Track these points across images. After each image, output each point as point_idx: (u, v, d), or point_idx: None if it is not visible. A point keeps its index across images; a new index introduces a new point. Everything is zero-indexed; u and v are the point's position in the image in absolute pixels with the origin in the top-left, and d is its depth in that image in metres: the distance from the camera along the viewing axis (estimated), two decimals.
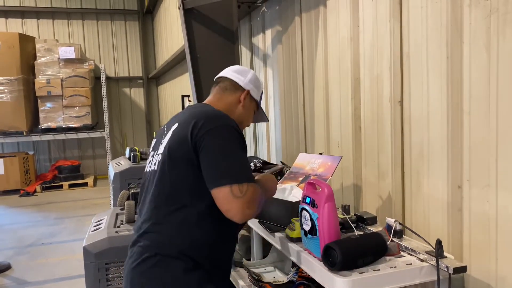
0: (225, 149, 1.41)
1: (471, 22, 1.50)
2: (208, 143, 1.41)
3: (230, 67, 1.78)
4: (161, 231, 1.45)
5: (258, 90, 1.74)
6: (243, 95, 1.68)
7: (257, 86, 1.74)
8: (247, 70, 1.75)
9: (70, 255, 4.39)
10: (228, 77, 1.71)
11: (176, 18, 6.47)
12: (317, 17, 2.57)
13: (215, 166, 1.39)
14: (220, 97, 1.69)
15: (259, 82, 1.76)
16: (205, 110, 1.55)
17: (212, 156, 1.40)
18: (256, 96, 1.73)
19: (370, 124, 2.12)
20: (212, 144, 1.41)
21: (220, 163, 1.39)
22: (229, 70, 1.75)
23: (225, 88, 1.69)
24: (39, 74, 7.66)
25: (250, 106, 1.72)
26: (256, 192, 1.40)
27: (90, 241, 2.07)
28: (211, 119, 1.46)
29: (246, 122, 1.74)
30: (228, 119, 1.50)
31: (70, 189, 7.83)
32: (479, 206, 1.52)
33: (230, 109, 1.65)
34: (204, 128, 1.42)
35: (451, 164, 1.63)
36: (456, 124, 1.60)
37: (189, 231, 1.44)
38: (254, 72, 1.77)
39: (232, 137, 1.44)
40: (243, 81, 1.70)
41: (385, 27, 1.94)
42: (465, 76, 1.55)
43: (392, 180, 1.95)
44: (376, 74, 2.04)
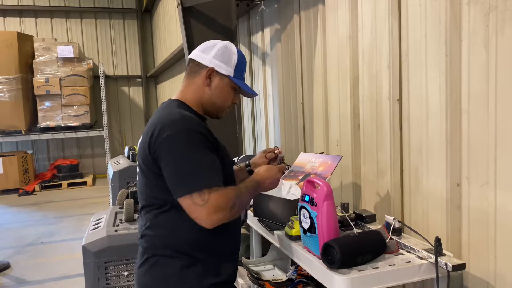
0: (181, 156, 1.34)
1: (469, 20, 1.51)
2: (164, 153, 1.35)
3: (201, 45, 1.59)
4: (154, 234, 1.46)
5: (228, 64, 1.53)
6: (205, 74, 1.51)
7: (226, 60, 1.53)
8: (213, 45, 1.55)
9: (69, 254, 4.39)
10: (192, 58, 1.55)
11: (175, 17, 6.46)
12: (316, 15, 2.57)
13: (173, 176, 1.35)
14: (187, 83, 1.56)
15: (229, 55, 1.54)
16: (161, 115, 1.45)
17: (169, 166, 1.35)
18: (226, 71, 1.53)
19: (369, 122, 2.12)
20: (167, 153, 1.35)
21: (177, 172, 1.34)
22: (195, 50, 1.58)
23: (190, 71, 1.54)
24: (37, 73, 7.65)
25: (222, 84, 1.53)
26: (222, 195, 1.33)
27: (89, 240, 2.07)
28: (165, 126, 1.37)
29: (223, 104, 1.58)
30: (183, 121, 1.39)
31: (69, 188, 7.82)
32: (478, 204, 1.53)
33: (198, 94, 1.53)
34: (159, 138, 1.36)
35: (450, 162, 1.63)
36: (455, 122, 1.60)
37: (179, 230, 1.42)
38: (226, 44, 1.55)
39: (190, 141, 1.35)
40: (205, 58, 1.52)
41: (383, 25, 1.94)
42: (464, 74, 1.55)
43: (391, 178, 1.95)
44: (375, 72, 2.04)
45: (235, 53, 1.56)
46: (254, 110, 3.89)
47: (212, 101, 1.54)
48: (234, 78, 1.54)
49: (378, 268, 1.46)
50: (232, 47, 1.57)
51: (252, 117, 3.94)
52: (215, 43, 1.56)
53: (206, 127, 1.45)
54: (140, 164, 1.47)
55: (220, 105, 1.57)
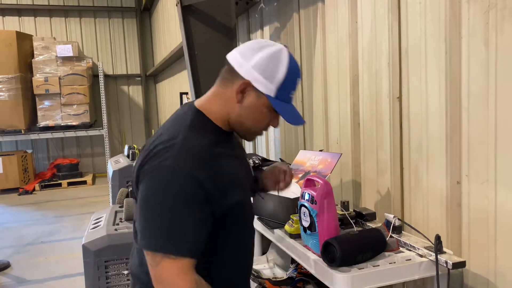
0: (154, 201, 1.08)
1: (469, 17, 1.50)
2: (141, 189, 1.11)
3: (246, 42, 1.24)
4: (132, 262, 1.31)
5: (270, 79, 1.15)
6: (237, 88, 1.17)
7: (269, 73, 1.15)
8: (258, 48, 1.17)
9: (69, 253, 4.39)
10: (229, 59, 1.21)
11: (174, 15, 6.44)
12: (315, 14, 2.56)
13: (140, 217, 1.11)
14: (217, 90, 1.24)
15: (275, 67, 1.15)
16: (168, 128, 1.20)
17: (139, 203, 1.11)
18: (266, 88, 1.16)
19: (369, 120, 2.12)
20: (142, 191, 1.10)
21: (144, 217, 1.10)
22: (238, 48, 1.23)
23: (224, 77, 1.22)
24: (36, 72, 7.63)
25: (257, 104, 1.18)
26: (177, 270, 1.05)
27: (89, 239, 2.07)
28: (158, 152, 1.12)
29: (253, 127, 1.24)
30: (180, 153, 1.10)
31: (68, 188, 7.81)
32: (478, 202, 1.52)
33: (225, 108, 1.21)
34: (146, 165, 1.12)
35: (450, 159, 1.63)
36: (455, 120, 1.60)
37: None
38: (276, 50, 1.16)
39: (173, 186, 1.07)
40: (243, 65, 1.16)
41: (383, 23, 1.94)
42: (464, 71, 1.55)
43: (391, 176, 1.95)
44: (374, 70, 2.04)
45: (285, 65, 1.17)
46: None
47: (241, 121, 1.22)
48: (273, 100, 1.17)
49: (378, 266, 1.46)
50: (284, 57, 1.17)
51: None
52: (263, 45, 1.18)
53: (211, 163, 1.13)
54: (133, 189, 1.21)
55: (250, 127, 1.24)
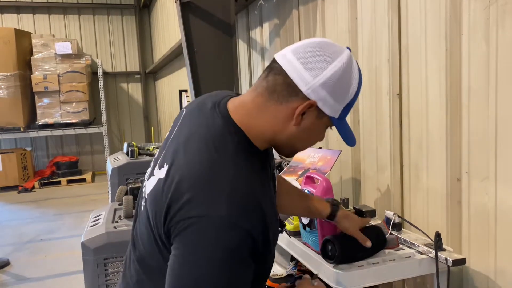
0: (194, 268, 0.86)
1: (470, 13, 1.49)
2: (180, 244, 0.88)
3: (302, 42, 0.98)
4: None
5: (340, 100, 0.96)
6: (299, 109, 0.95)
7: (340, 93, 0.96)
8: (328, 58, 0.94)
9: (69, 251, 4.39)
10: (285, 68, 0.95)
11: (173, 12, 6.42)
12: (315, 10, 2.55)
13: (173, 283, 0.88)
14: (262, 103, 0.98)
15: (347, 84, 0.96)
16: (196, 161, 0.93)
17: (176, 266, 0.88)
18: (332, 110, 0.97)
19: (368, 117, 2.11)
20: (183, 247, 0.88)
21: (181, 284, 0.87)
22: (294, 51, 0.96)
23: (274, 90, 0.96)
24: (35, 69, 7.61)
25: (316, 125, 0.99)
26: None
27: (88, 237, 2.07)
28: (199, 197, 0.88)
29: (305, 146, 1.07)
30: (232, 209, 0.87)
31: (68, 185, 7.81)
32: (478, 199, 1.52)
33: (274, 129, 0.98)
34: (183, 212, 0.88)
35: (450, 156, 1.62)
36: (455, 117, 1.59)
37: None
38: (347, 62, 0.95)
39: (220, 245, 0.85)
40: (309, 83, 0.93)
41: (383, 20, 1.93)
42: (464, 68, 1.54)
43: (391, 173, 1.95)
44: (374, 67, 2.03)
45: (356, 79, 0.98)
46: None
47: (292, 143, 1.02)
48: (337, 121, 1.00)
49: (378, 264, 1.45)
50: (354, 68, 0.98)
51: None
52: (331, 54, 0.95)
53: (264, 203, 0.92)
54: (151, 214, 0.98)
55: (301, 148, 1.07)
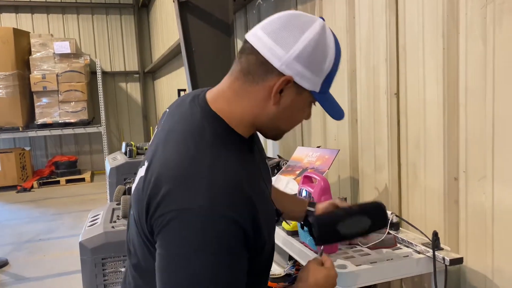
0: (182, 261, 0.82)
1: (467, 12, 1.49)
2: (163, 241, 0.85)
3: (271, 16, 0.93)
4: None
5: (317, 72, 0.91)
6: (275, 86, 0.90)
7: (316, 64, 0.90)
8: (299, 30, 0.89)
9: (68, 251, 4.38)
10: (256, 47, 0.91)
11: (172, 12, 6.40)
12: (313, 9, 2.55)
13: (163, 282, 0.85)
14: (238, 87, 0.95)
15: (322, 55, 0.90)
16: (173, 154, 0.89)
17: (163, 264, 0.85)
18: (312, 84, 0.92)
19: (366, 116, 2.11)
20: (167, 244, 0.85)
21: (171, 282, 0.84)
22: (263, 27, 0.92)
23: (248, 71, 0.92)
24: (34, 69, 7.60)
25: (298, 102, 0.95)
26: None
27: (86, 236, 2.07)
28: (176, 190, 0.84)
29: (290, 127, 1.02)
30: (210, 195, 0.83)
31: (67, 185, 7.81)
32: (476, 198, 1.52)
33: (254, 112, 0.95)
34: (162, 207, 0.84)
35: (448, 156, 1.62)
36: (452, 116, 1.59)
37: None
38: (319, 31, 0.90)
39: (204, 237, 0.82)
40: (282, 58, 0.89)
41: (381, 19, 1.93)
42: (461, 67, 1.54)
43: (389, 172, 1.95)
44: (372, 66, 2.03)
45: (332, 48, 0.92)
46: None
47: (276, 124, 0.98)
48: (318, 95, 0.94)
49: (376, 263, 1.45)
50: (328, 37, 0.92)
51: None
52: (301, 24, 0.89)
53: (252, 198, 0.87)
54: (135, 215, 0.96)
55: (285, 129, 1.01)
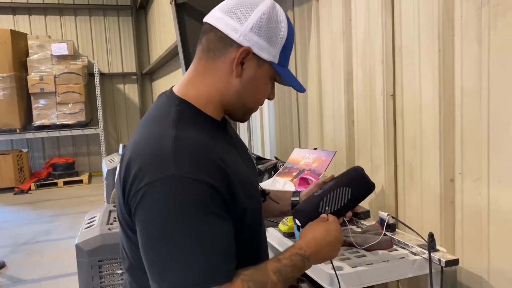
0: (163, 228, 0.81)
1: (462, 14, 1.50)
2: (139, 216, 0.85)
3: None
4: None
5: (273, 42, 0.96)
6: (236, 58, 0.94)
7: (271, 35, 0.95)
8: (251, 5, 0.95)
9: (65, 253, 4.37)
10: (213, 23, 0.97)
11: (169, 13, 6.40)
12: (310, 11, 2.55)
13: (147, 259, 0.84)
14: (201, 67, 0.98)
15: (275, 27, 0.96)
16: (142, 137, 0.92)
17: (143, 240, 0.85)
18: (269, 54, 0.97)
19: (363, 117, 2.11)
20: (142, 218, 0.85)
21: (155, 256, 0.82)
22: (220, 8, 0.98)
23: (209, 49, 0.97)
24: (31, 71, 7.59)
25: (259, 75, 0.98)
26: None
27: (82, 239, 2.07)
28: (141, 169, 0.85)
29: (255, 104, 1.04)
30: (176, 159, 0.84)
31: (64, 187, 7.79)
32: (471, 199, 1.52)
33: (218, 88, 0.97)
34: (135, 184, 0.85)
35: (444, 157, 1.62)
36: (448, 117, 1.60)
37: None
38: (270, 6, 0.97)
39: (182, 202, 0.82)
40: (237, 29, 0.94)
41: (377, 21, 1.93)
42: (457, 69, 1.54)
43: (385, 174, 1.95)
44: (368, 68, 2.03)
45: (284, 22, 0.98)
46: None
47: (241, 99, 1.00)
48: (278, 67, 0.99)
49: (372, 264, 1.45)
50: (280, 13, 0.98)
51: None
52: (255, 2, 0.96)
53: (220, 164, 0.88)
54: (118, 209, 0.98)
55: (251, 105, 1.03)
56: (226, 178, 0.88)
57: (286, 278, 0.91)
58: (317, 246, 1.01)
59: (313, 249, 1.00)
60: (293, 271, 0.93)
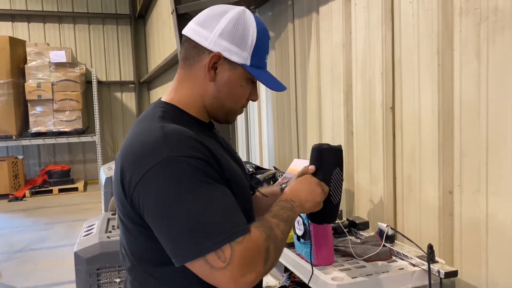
0: (175, 204, 0.89)
1: (461, 30, 1.53)
2: (146, 201, 0.92)
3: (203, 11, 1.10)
4: None
5: (242, 46, 1.04)
6: (207, 63, 1.04)
7: (239, 39, 1.03)
8: (219, 14, 1.05)
9: (60, 261, 4.34)
10: (187, 34, 1.07)
11: (169, 23, 6.46)
12: (310, 24, 2.59)
13: (168, 234, 0.90)
14: (182, 75, 1.10)
15: (243, 31, 1.04)
16: (135, 134, 1.02)
17: (158, 220, 0.92)
18: (240, 57, 1.04)
19: (362, 129, 2.13)
20: (150, 202, 0.91)
21: (175, 228, 0.89)
22: (194, 20, 1.09)
23: (186, 57, 1.08)
24: (29, 77, 7.60)
25: (233, 77, 1.06)
26: (251, 245, 0.90)
27: (81, 246, 2.06)
28: (139, 157, 0.94)
29: (234, 105, 1.11)
30: (166, 144, 0.93)
31: (60, 194, 7.75)
32: (470, 211, 1.54)
33: (198, 92, 1.08)
34: (134, 177, 0.93)
35: (442, 169, 1.64)
36: (447, 130, 1.62)
37: None
38: (239, 12, 1.06)
39: (182, 176, 0.91)
40: (207, 37, 1.03)
41: (377, 34, 1.96)
42: (456, 82, 1.57)
43: (384, 185, 1.97)
44: (368, 80, 2.06)
45: (254, 27, 1.05)
46: (248, 115, 3.90)
47: (220, 102, 1.09)
48: (250, 68, 1.06)
49: (372, 275, 1.46)
50: (248, 18, 1.06)
51: (246, 123, 3.95)
52: (222, 10, 1.06)
53: (205, 145, 0.98)
54: (118, 208, 1.05)
55: (231, 107, 1.11)
56: (213, 156, 0.98)
57: (283, 219, 1.03)
58: (298, 192, 1.13)
59: (295, 195, 1.12)
60: (286, 213, 1.05)
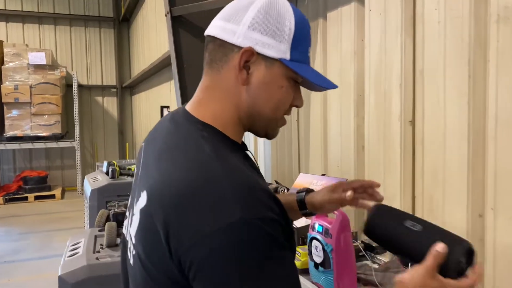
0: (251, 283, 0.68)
1: (499, 39, 1.41)
2: (204, 277, 0.69)
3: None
4: None
5: (278, 36, 0.82)
6: (239, 62, 0.81)
7: (274, 28, 0.81)
8: (247, 3, 0.83)
9: (36, 275, 4.07)
10: (212, 34, 0.85)
11: (155, 27, 6.26)
12: (315, 30, 2.45)
13: None
14: (208, 82, 0.86)
15: (278, 18, 0.82)
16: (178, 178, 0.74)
17: None
18: (277, 50, 0.82)
19: (375, 143, 1.99)
20: (212, 279, 0.68)
21: None
22: (217, 17, 0.87)
23: (212, 60, 0.85)
24: (6, 79, 7.26)
25: (270, 76, 0.83)
26: None
27: (66, 269, 1.83)
28: (194, 212, 0.69)
29: (276, 112, 0.87)
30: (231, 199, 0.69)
31: (36, 201, 7.39)
32: (505, 238, 1.41)
33: (232, 103, 0.84)
34: (186, 238, 0.69)
35: (472, 190, 1.51)
36: (478, 149, 1.49)
37: None
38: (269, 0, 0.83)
39: (253, 251, 0.68)
40: (237, 31, 0.82)
41: (395, 42, 1.83)
42: (491, 97, 1.44)
43: (401, 204, 1.82)
44: (383, 91, 1.92)
45: (289, 12, 0.83)
46: None
47: (256, 110, 0.85)
48: (291, 63, 0.83)
49: None
50: (282, 3, 0.84)
51: None
52: (250, 0, 0.83)
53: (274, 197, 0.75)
54: (145, 253, 0.78)
55: (270, 115, 0.86)
56: (283, 213, 0.75)
57: None
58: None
59: None
60: None
